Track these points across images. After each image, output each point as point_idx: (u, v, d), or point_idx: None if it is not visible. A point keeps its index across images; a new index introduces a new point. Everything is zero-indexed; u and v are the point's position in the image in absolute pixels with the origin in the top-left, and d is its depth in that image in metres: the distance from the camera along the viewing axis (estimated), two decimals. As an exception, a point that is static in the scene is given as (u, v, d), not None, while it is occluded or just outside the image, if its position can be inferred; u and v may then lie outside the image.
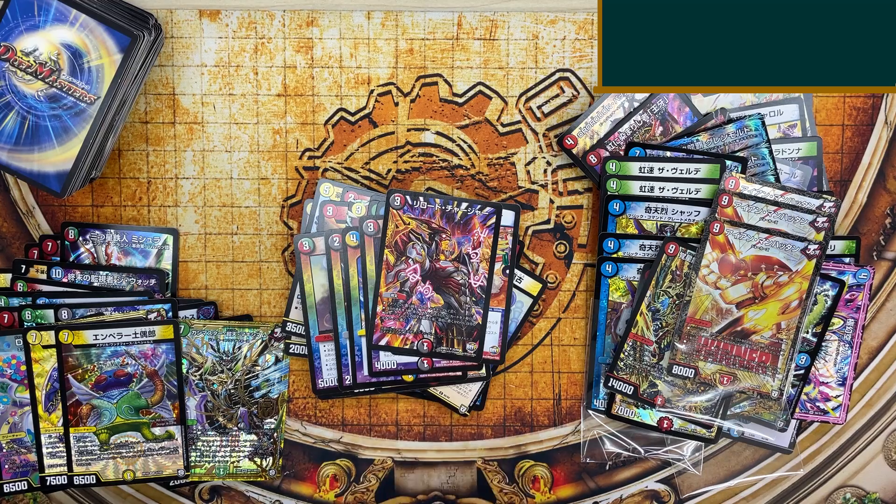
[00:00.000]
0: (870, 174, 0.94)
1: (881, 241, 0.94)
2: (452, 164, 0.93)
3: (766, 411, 0.91)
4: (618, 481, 0.97)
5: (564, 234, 0.94)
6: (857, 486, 0.97)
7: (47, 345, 0.88)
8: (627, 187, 0.90)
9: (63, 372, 0.89)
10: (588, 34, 0.92)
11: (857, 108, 0.93)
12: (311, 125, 0.93)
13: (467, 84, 0.93)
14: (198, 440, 0.92)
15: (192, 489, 0.96)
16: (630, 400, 0.92)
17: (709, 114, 0.90)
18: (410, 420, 0.96)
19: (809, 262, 0.86)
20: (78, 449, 0.90)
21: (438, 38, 0.92)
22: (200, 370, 0.92)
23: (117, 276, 0.91)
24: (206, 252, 0.94)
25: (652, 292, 0.89)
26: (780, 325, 0.87)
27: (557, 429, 0.96)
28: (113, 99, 0.84)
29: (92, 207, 0.93)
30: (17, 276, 0.90)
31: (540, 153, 0.93)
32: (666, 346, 0.90)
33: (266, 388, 0.93)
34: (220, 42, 0.92)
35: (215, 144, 0.93)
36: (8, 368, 0.89)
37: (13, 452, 0.90)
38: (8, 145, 0.85)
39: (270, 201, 0.93)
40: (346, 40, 0.92)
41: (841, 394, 0.92)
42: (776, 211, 0.86)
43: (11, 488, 0.91)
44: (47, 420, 0.90)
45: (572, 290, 0.95)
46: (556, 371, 0.95)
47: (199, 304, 0.93)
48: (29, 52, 0.84)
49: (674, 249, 0.89)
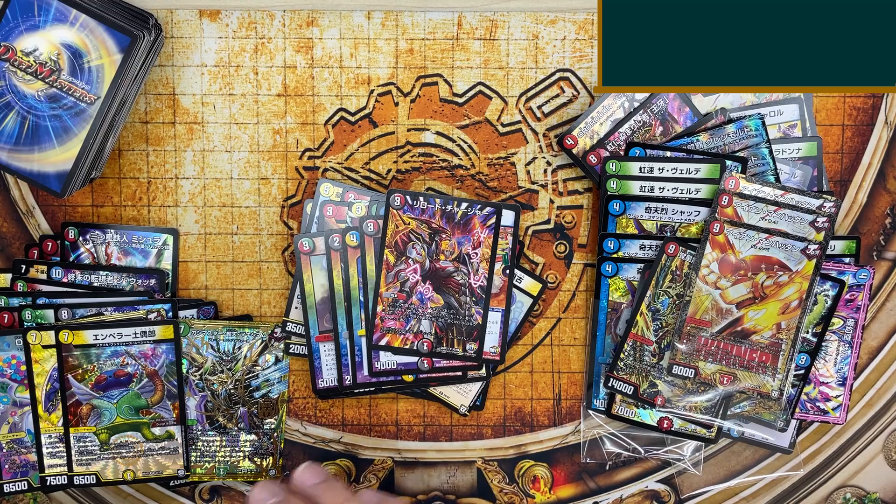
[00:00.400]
0: (870, 174, 0.94)
1: (881, 241, 0.94)
2: (452, 164, 0.93)
3: (766, 411, 0.91)
4: (618, 481, 0.97)
5: (564, 234, 0.94)
6: (857, 486, 0.97)
7: (47, 345, 0.88)
8: (627, 187, 0.90)
9: (63, 372, 0.89)
10: (588, 34, 0.92)
11: (857, 108, 0.93)
12: (311, 125, 0.93)
13: (467, 84, 0.93)
14: (198, 440, 0.92)
15: (192, 489, 0.96)
16: (630, 400, 0.92)
17: (709, 114, 0.90)
18: (410, 420, 0.96)
19: (809, 262, 0.86)
20: (78, 449, 0.90)
21: (438, 38, 0.92)
22: (200, 370, 0.92)
23: (117, 276, 0.91)
24: (206, 252, 0.94)
25: (652, 292, 0.89)
26: (780, 325, 0.87)
27: (557, 429, 0.96)
28: (113, 99, 0.84)
29: (92, 207, 0.93)
30: (17, 276, 0.90)
31: (540, 153, 0.93)
32: (666, 346, 0.90)
33: (266, 388, 0.93)
34: (220, 42, 0.92)
35: (215, 144, 0.93)
36: (8, 368, 0.89)
37: (13, 452, 0.90)
38: (8, 145, 0.85)
39: (270, 201, 0.93)
40: (346, 40, 0.92)
41: (841, 394, 0.92)
42: (776, 211, 0.86)
43: (11, 488, 0.91)
44: (47, 420, 0.90)
45: (572, 290, 0.95)
46: (556, 371, 0.95)
47: (199, 304, 0.93)
48: (29, 52, 0.84)
49: (674, 249, 0.89)
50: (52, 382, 0.89)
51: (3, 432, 0.90)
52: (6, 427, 0.90)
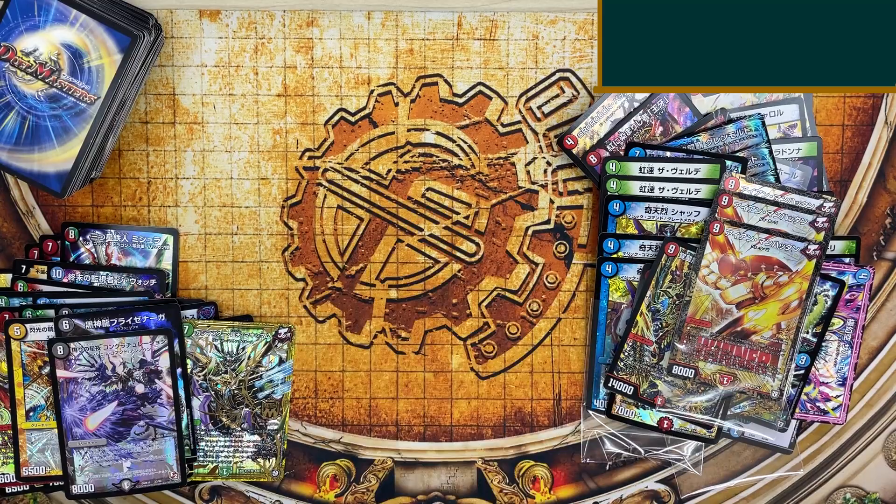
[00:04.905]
0: (870, 174, 0.94)
1: (881, 241, 0.94)
2: (452, 164, 0.93)
3: (766, 411, 0.91)
4: (618, 481, 0.97)
5: (564, 234, 0.94)
6: (857, 486, 0.97)
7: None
8: (627, 187, 0.90)
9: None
10: (588, 34, 0.92)
11: (857, 108, 0.93)
12: (311, 125, 0.93)
13: (467, 84, 0.93)
14: (201, 440, 0.92)
15: (192, 489, 0.96)
16: (630, 400, 0.92)
17: (709, 114, 0.90)
18: (410, 420, 0.96)
19: (809, 262, 0.86)
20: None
21: (438, 38, 0.92)
22: (205, 370, 0.92)
23: (117, 276, 0.91)
24: (206, 252, 0.94)
25: (652, 292, 0.89)
26: (780, 325, 0.87)
27: (557, 429, 0.96)
28: (113, 99, 0.84)
29: (92, 207, 0.93)
30: (18, 276, 0.90)
31: (540, 153, 0.93)
32: (666, 346, 0.90)
33: (269, 388, 0.93)
34: (220, 42, 0.92)
35: (215, 144, 0.93)
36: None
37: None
38: (8, 145, 0.84)
39: (270, 201, 0.93)
40: (346, 40, 0.92)
41: (841, 394, 0.92)
42: (776, 211, 0.86)
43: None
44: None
45: (572, 290, 0.95)
46: (556, 371, 0.95)
47: (199, 304, 0.93)
48: (29, 52, 0.84)
49: (674, 249, 0.89)
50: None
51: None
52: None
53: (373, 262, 0.94)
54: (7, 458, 0.91)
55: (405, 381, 0.95)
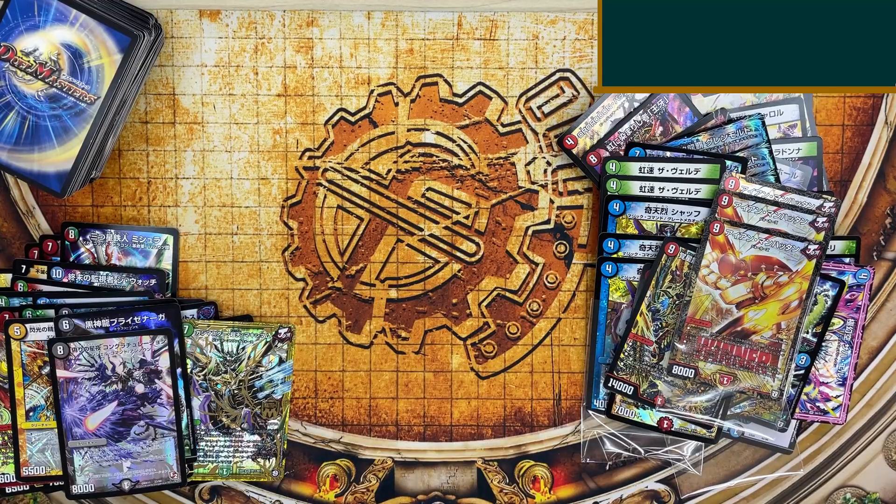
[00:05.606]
0: (870, 174, 0.94)
1: (881, 241, 0.94)
2: (452, 164, 0.93)
3: (766, 411, 0.91)
4: (618, 481, 0.97)
5: (564, 234, 0.94)
6: (857, 486, 0.97)
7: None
8: (627, 187, 0.90)
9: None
10: (588, 34, 0.92)
11: (857, 108, 0.93)
12: (311, 125, 0.93)
13: (467, 84, 0.93)
14: (201, 440, 0.92)
15: (192, 489, 0.96)
16: (630, 400, 0.92)
17: (709, 114, 0.90)
18: (410, 420, 0.96)
19: (809, 262, 0.86)
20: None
21: (438, 38, 0.92)
22: (205, 370, 0.92)
23: (117, 276, 0.91)
24: (206, 252, 0.94)
25: (652, 292, 0.89)
26: (780, 325, 0.87)
27: (557, 429, 0.96)
28: (113, 99, 0.84)
29: (92, 207, 0.93)
30: (18, 276, 0.90)
31: (540, 153, 0.93)
32: (666, 346, 0.90)
33: (269, 388, 0.93)
34: (220, 42, 0.92)
35: (215, 144, 0.93)
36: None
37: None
38: (8, 145, 0.84)
39: (270, 201, 0.93)
40: (346, 40, 0.92)
41: (841, 394, 0.92)
42: (776, 211, 0.86)
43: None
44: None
45: (572, 290, 0.95)
46: (556, 371, 0.95)
47: (199, 304, 0.93)
48: (29, 52, 0.84)
49: (674, 249, 0.89)
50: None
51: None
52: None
53: (373, 262, 0.94)
54: (7, 458, 0.91)
55: (405, 380, 0.95)
